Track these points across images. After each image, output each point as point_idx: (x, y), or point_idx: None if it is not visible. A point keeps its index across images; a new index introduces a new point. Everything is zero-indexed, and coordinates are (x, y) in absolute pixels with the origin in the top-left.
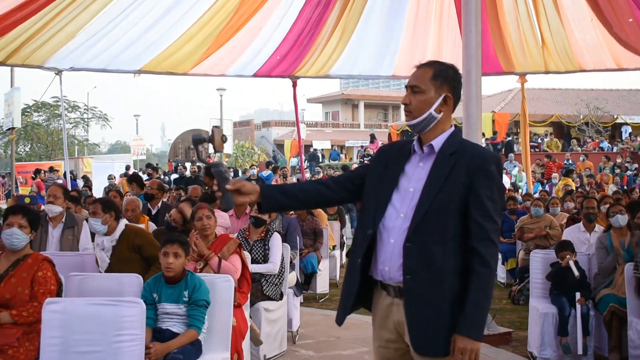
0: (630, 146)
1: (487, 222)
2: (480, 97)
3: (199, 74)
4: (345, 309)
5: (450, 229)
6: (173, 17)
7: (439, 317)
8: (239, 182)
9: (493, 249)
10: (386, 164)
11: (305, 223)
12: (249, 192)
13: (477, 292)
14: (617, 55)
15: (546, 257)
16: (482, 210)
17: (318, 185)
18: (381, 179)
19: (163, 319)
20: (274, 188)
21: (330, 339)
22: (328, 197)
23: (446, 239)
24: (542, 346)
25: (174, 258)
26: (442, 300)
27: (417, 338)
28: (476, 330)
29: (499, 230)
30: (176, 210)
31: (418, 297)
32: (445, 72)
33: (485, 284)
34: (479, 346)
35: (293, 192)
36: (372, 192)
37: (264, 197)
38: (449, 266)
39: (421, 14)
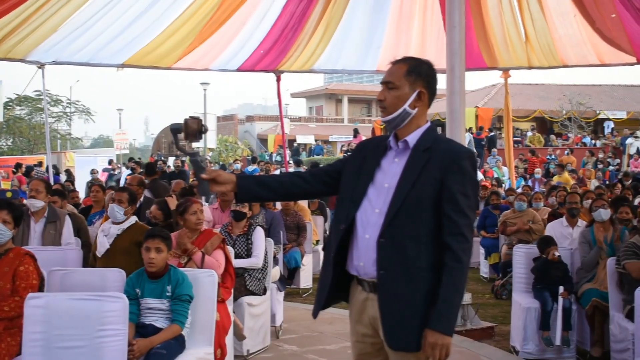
0: (612, 141)
1: (460, 217)
2: (464, 92)
3: (183, 68)
4: (319, 303)
5: (424, 225)
6: (157, 11)
7: (412, 313)
8: (214, 171)
9: (465, 244)
10: (363, 159)
11: (289, 218)
12: (225, 181)
13: (448, 287)
14: (599, 51)
15: (529, 251)
16: (454, 205)
17: (295, 177)
18: (358, 173)
19: (146, 314)
20: (250, 178)
21: (314, 333)
22: (304, 190)
23: (420, 235)
24: (524, 340)
25: (155, 253)
26: (416, 295)
27: (391, 333)
28: (447, 325)
29: (472, 225)
30: (156, 207)
31: (391, 292)
32: (419, 67)
33: (457, 279)
34: (449, 341)
35: (268, 183)
36: (348, 187)
37: (240, 187)
38: (422, 261)
39: (405, 8)
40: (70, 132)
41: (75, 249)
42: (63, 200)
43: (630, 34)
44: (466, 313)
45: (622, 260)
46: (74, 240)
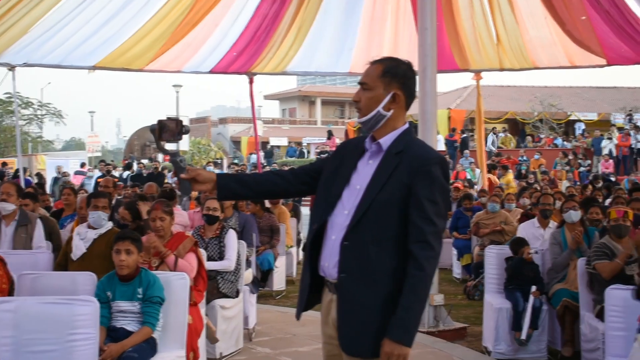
0: (583, 143)
1: (425, 224)
2: (436, 94)
3: (155, 70)
4: (301, 304)
5: (389, 229)
6: (129, 13)
7: (369, 318)
8: (194, 170)
9: (430, 252)
10: (341, 160)
11: (262, 220)
12: (205, 180)
13: (409, 296)
14: (570, 53)
15: (501, 252)
16: (420, 212)
17: (274, 176)
18: (334, 174)
19: (117, 317)
20: (230, 177)
21: (287, 335)
22: (283, 188)
23: (384, 239)
24: (496, 341)
25: (126, 255)
26: (374, 301)
27: (345, 337)
28: (404, 335)
29: (439, 233)
30: (123, 208)
31: (350, 296)
32: (394, 69)
33: (418, 287)
34: (406, 351)
35: (248, 182)
36: (324, 188)
37: (220, 185)
38: (384, 267)
39: (377, 10)
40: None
41: (46, 252)
42: (34, 203)
43: (600, 36)
44: (439, 314)
45: (593, 260)
46: (45, 244)
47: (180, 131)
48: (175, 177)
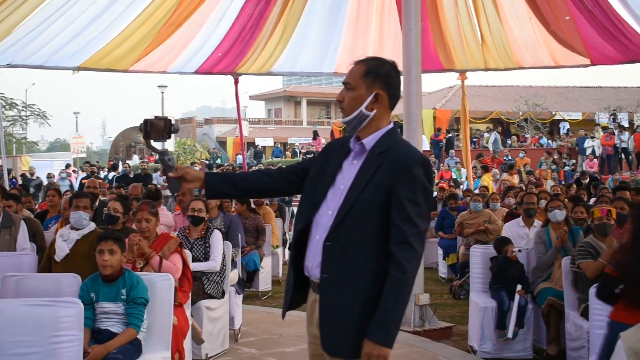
0: (567, 142)
1: (407, 225)
2: (421, 94)
3: (140, 71)
4: (286, 303)
5: (371, 230)
6: (113, 13)
7: (350, 319)
8: (182, 169)
9: (411, 254)
10: (327, 160)
11: (248, 220)
12: (193, 179)
13: (389, 298)
14: (554, 53)
15: (486, 252)
16: (402, 213)
17: (262, 175)
18: (320, 174)
19: (101, 318)
20: (218, 176)
21: (273, 336)
22: (270, 187)
23: (366, 240)
24: (482, 340)
25: (109, 255)
26: (355, 302)
27: (327, 337)
28: (384, 336)
29: (420, 234)
30: (114, 200)
31: (331, 296)
32: (377, 68)
33: (400, 289)
34: (386, 352)
35: (235, 181)
36: (309, 187)
37: (208, 184)
38: (366, 268)
39: (362, 11)
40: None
41: (30, 254)
42: (18, 205)
43: (584, 36)
44: (424, 313)
45: (577, 259)
46: (29, 246)
47: (170, 130)
48: (164, 176)
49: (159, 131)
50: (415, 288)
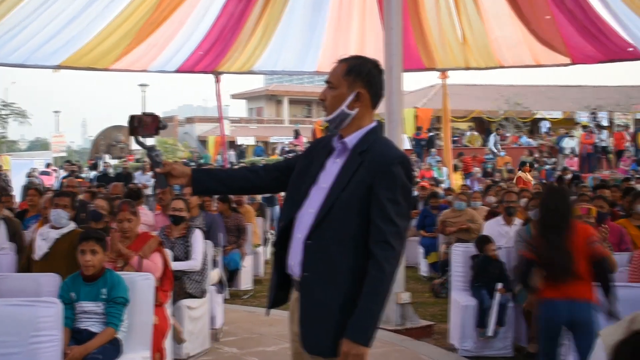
0: (548, 141)
1: (386, 224)
2: (402, 92)
3: (121, 70)
4: (269, 300)
5: (351, 229)
6: (94, 11)
7: (329, 318)
8: (169, 165)
9: (390, 252)
10: (311, 158)
11: (229, 220)
12: (180, 174)
13: (367, 296)
14: (535, 52)
15: (467, 250)
16: (381, 212)
17: (247, 172)
18: (304, 172)
19: (81, 318)
20: (204, 172)
21: (254, 335)
22: (255, 185)
23: (346, 239)
24: (462, 338)
25: (91, 255)
26: (335, 300)
27: (307, 336)
28: (362, 335)
29: (400, 233)
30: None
31: (312, 295)
32: (359, 67)
33: (378, 288)
34: (363, 351)
35: (221, 177)
36: (293, 185)
37: (194, 180)
38: (346, 267)
39: (344, 10)
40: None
41: (8, 253)
42: None
43: (564, 35)
44: (405, 312)
45: None
46: (8, 245)
47: (158, 126)
48: (151, 172)
49: (147, 127)
50: (396, 286)
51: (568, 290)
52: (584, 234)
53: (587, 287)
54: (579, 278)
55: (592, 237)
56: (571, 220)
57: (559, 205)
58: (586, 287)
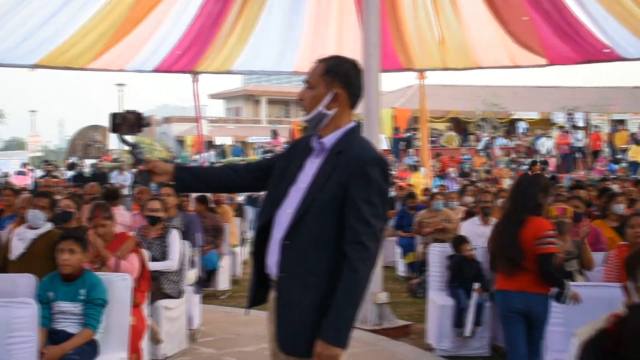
0: (525, 141)
1: (361, 225)
2: (380, 93)
3: (98, 69)
4: (249, 300)
5: (328, 230)
6: (70, 10)
7: (305, 318)
8: (152, 162)
9: (364, 254)
10: (292, 158)
11: (206, 220)
12: (162, 172)
13: (341, 298)
14: (512, 53)
15: (443, 250)
16: (356, 213)
17: (229, 171)
18: (283, 172)
19: (58, 318)
20: (186, 170)
21: (231, 336)
22: (237, 183)
23: (322, 240)
24: (439, 338)
25: (69, 254)
26: (310, 301)
27: (282, 336)
28: (335, 336)
29: (375, 234)
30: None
31: (288, 295)
32: (337, 67)
33: (350, 289)
34: (337, 352)
35: (203, 176)
36: (272, 185)
37: (176, 178)
38: (322, 268)
39: (322, 10)
40: None
41: None
42: None
43: (541, 36)
44: (383, 312)
45: None
46: None
47: (140, 123)
48: (135, 169)
49: (130, 124)
50: (373, 286)
51: (521, 282)
52: (538, 229)
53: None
54: (529, 270)
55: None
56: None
57: (527, 189)
58: (539, 279)
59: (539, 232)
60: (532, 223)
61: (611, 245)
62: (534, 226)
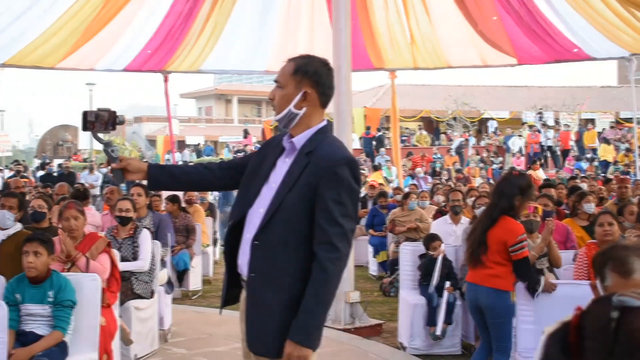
0: (495, 140)
1: (330, 225)
2: (351, 92)
3: (67, 68)
4: (222, 299)
5: (297, 231)
6: (39, 9)
7: (274, 319)
8: (125, 160)
9: (334, 254)
10: (264, 157)
11: (178, 220)
12: (136, 170)
13: (310, 299)
14: (482, 53)
15: (415, 249)
16: (325, 213)
17: (203, 169)
18: (256, 171)
19: (27, 320)
20: (160, 168)
21: (203, 336)
22: (210, 182)
23: (292, 240)
24: (411, 337)
25: (34, 257)
26: (279, 301)
27: (252, 337)
28: (305, 337)
29: (345, 234)
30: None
31: (257, 295)
32: (306, 66)
33: (321, 290)
34: (306, 353)
35: (177, 174)
36: (244, 184)
37: (150, 176)
38: (292, 268)
39: (292, 9)
40: None
41: None
42: None
43: (511, 36)
44: (355, 311)
45: None
46: None
47: (114, 121)
48: (108, 167)
49: (104, 122)
50: (345, 286)
51: (476, 275)
52: (509, 232)
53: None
54: (485, 265)
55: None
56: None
57: (504, 189)
58: (490, 274)
59: (510, 236)
60: (503, 223)
61: (581, 243)
62: (504, 227)
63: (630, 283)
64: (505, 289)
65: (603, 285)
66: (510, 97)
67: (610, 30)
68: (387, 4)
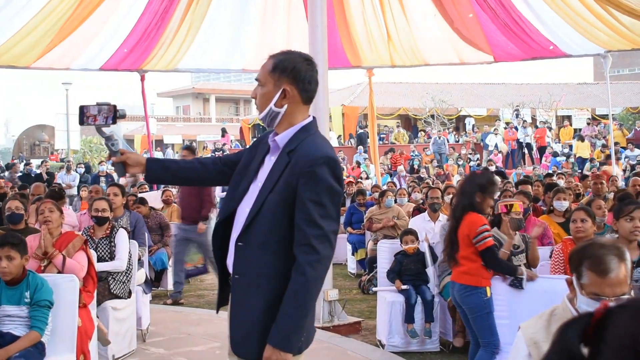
0: (473, 137)
1: (309, 227)
2: (327, 90)
3: (42, 68)
4: (218, 301)
5: (278, 232)
6: (13, 7)
7: (255, 321)
8: (125, 154)
9: (313, 256)
10: (254, 154)
11: (150, 219)
12: (135, 164)
13: (289, 302)
14: (459, 50)
15: (393, 247)
16: (304, 214)
17: (198, 164)
18: (245, 168)
19: (4, 321)
20: (157, 162)
21: (181, 335)
22: (203, 177)
23: (273, 242)
24: (390, 334)
25: (7, 261)
26: (259, 304)
27: (234, 339)
28: (283, 341)
29: (326, 236)
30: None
31: (240, 297)
32: (284, 63)
33: (298, 292)
34: (285, 357)
35: (172, 168)
36: (233, 181)
37: (147, 169)
38: (273, 270)
39: (269, 7)
40: None
41: None
42: None
43: (487, 33)
44: (333, 309)
45: None
46: None
47: (115, 115)
48: (110, 160)
49: (106, 116)
50: (324, 284)
51: (453, 273)
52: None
53: (463, 272)
54: (458, 263)
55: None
56: (469, 207)
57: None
58: (462, 272)
59: (471, 228)
60: (467, 219)
61: (557, 240)
62: (468, 222)
63: (607, 282)
64: (477, 285)
65: (579, 283)
66: (488, 95)
67: (586, 27)
68: (364, 1)
